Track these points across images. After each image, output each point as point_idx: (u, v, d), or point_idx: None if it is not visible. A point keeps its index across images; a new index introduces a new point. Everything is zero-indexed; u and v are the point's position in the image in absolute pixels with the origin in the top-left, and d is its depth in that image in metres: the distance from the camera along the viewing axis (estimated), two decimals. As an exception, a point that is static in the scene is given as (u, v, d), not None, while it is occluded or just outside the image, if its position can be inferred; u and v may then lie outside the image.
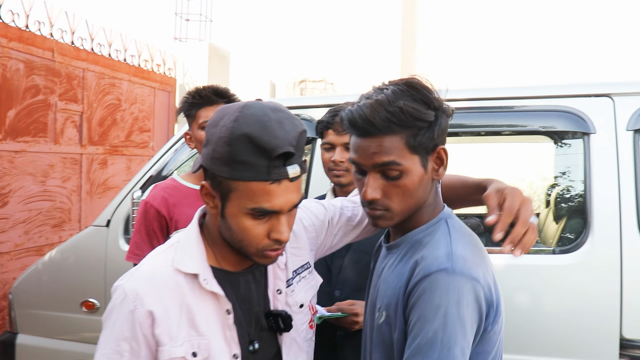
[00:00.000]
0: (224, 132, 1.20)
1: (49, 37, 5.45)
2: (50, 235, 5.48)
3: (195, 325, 1.28)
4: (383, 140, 1.25)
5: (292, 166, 1.23)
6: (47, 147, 5.42)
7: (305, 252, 1.53)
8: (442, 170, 1.34)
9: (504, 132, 2.57)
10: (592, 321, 2.25)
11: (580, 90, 2.46)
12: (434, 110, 1.27)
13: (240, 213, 1.24)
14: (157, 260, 1.34)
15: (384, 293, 1.34)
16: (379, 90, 1.29)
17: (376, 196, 1.29)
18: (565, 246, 2.37)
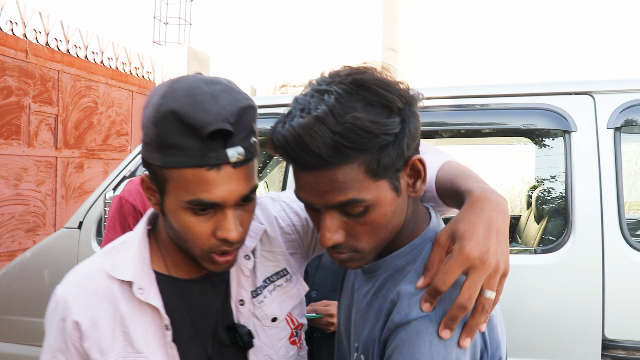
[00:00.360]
0: (151, 112, 1.02)
1: (22, 37, 5.34)
2: (23, 240, 5.35)
3: (131, 340, 1.12)
4: (335, 173, 0.93)
5: (234, 148, 1.00)
6: (20, 149, 5.30)
7: (280, 257, 1.29)
8: (421, 184, 1.03)
9: (484, 130, 2.53)
10: (573, 321, 2.22)
11: (561, 88, 2.43)
12: (398, 115, 0.95)
13: (178, 208, 1.04)
14: (92, 264, 1.18)
15: (360, 331, 1.10)
16: (316, 95, 0.95)
17: (338, 240, 1.00)
18: (547, 246, 2.34)
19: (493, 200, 0.98)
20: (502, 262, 0.92)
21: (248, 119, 1.04)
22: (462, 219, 0.97)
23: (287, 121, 0.95)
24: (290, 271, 1.30)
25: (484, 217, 0.95)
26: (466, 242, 0.92)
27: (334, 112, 0.91)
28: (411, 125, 0.97)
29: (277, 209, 1.34)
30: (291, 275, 1.30)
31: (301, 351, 1.34)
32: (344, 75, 0.96)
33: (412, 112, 0.98)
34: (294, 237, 1.32)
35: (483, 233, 0.93)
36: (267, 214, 1.31)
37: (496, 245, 0.92)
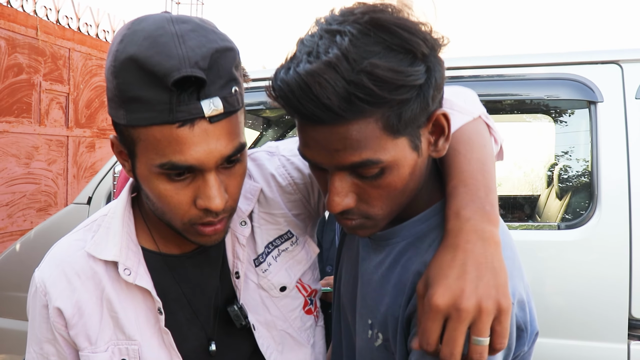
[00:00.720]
0: (110, 61, 0.85)
1: (32, 14, 5.28)
2: (35, 219, 5.34)
3: (121, 326, 1.00)
4: (348, 129, 0.80)
5: (210, 100, 0.84)
6: (32, 128, 5.26)
7: (282, 219, 1.13)
8: (444, 143, 0.89)
9: (504, 102, 2.44)
10: (599, 300, 2.13)
11: (587, 57, 2.32)
12: (423, 62, 0.81)
13: (151, 174, 0.88)
14: (72, 241, 1.04)
15: (375, 306, 0.98)
16: (326, 36, 0.80)
17: (348, 205, 0.87)
18: (571, 222, 2.25)
19: (467, 231, 0.82)
20: (489, 299, 0.76)
21: (226, 63, 0.87)
22: (434, 262, 0.83)
23: (292, 66, 0.80)
24: (296, 233, 1.14)
25: (456, 255, 0.80)
26: (434, 290, 0.78)
27: (348, 57, 0.77)
28: (437, 74, 0.83)
29: (276, 164, 1.16)
30: (297, 238, 1.15)
31: (319, 321, 1.21)
32: (359, 14, 0.81)
33: (437, 59, 0.84)
34: (297, 197, 1.14)
35: (456, 274, 0.78)
36: (263, 170, 1.15)
37: (476, 282, 0.77)
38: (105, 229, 1.03)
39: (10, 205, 5.06)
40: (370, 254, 1.03)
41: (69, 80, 5.75)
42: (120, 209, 1.03)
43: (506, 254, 0.85)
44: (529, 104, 2.55)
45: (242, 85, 0.92)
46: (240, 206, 1.08)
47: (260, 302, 1.11)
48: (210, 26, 0.89)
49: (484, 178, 0.89)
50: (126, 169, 0.95)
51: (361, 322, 1.02)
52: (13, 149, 5.04)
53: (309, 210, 1.17)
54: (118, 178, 2.26)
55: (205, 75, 0.82)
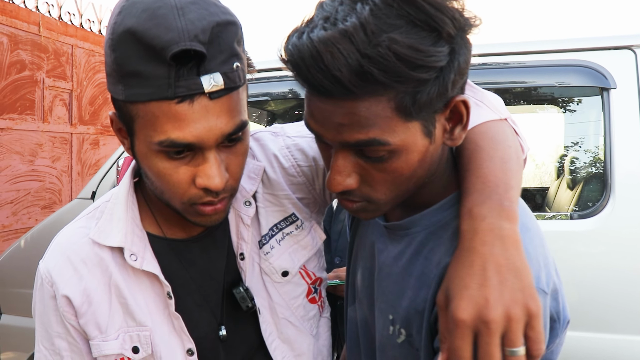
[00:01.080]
0: (108, 34, 0.83)
1: (34, 10, 5.25)
2: (39, 216, 5.31)
3: (131, 312, 0.98)
4: (356, 105, 0.75)
5: (211, 75, 0.80)
6: (35, 125, 5.24)
7: (286, 201, 1.09)
8: (460, 131, 0.83)
9: (516, 90, 2.39)
10: (612, 291, 2.09)
11: (599, 43, 2.28)
12: (447, 42, 0.75)
13: (149, 151, 0.85)
14: (75, 229, 1.02)
15: (396, 301, 0.93)
16: (347, 3, 0.75)
17: (350, 185, 0.83)
18: (584, 211, 2.20)
19: (483, 230, 0.77)
20: (516, 305, 0.71)
21: (227, 38, 0.83)
22: (451, 269, 0.77)
23: (306, 31, 0.74)
24: (301, 217, 1.11)
25: (474, 260, 0.75)
26: (456, 304, 0.72)
27: (367, 28, 0.71)
28: (461, 57, 0.77)
29: (279, 145, 1.12)
30: (302, 222, 1.11)
31: (324, 312, 1.17)
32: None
33: (465, 41, 0.78)
34: (300, 180, 1.11)
35: (476, 282, 0.73)
36: (266, 150, 1.12)
37: (500, 289, 0.71)
38: (109, 214, 1.00)
39: (15, 202, 5.04)
40: (388, 245, 0.98)
41: (72, 77, 5.73)
42: (124, 194, 1.01)
43: (535, 243, 0.80)
44: (540, 92, 2.51)
45: (245, 61, 0.89)
46: (245, 186, 1.06)
47: (263, 286, 1.08)
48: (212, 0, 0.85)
49: (505, 175, 0.83)
50: (125, 147, 0.93)
51: (381, 317, 0.97)
52: (17, 147, 5.02)
53: (313, 195, 1.13)
54: (121, 171, 2.22)
55: (206, 50, 0.79)
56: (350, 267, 1.15)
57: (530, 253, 0.79)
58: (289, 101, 3.17)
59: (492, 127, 0.90)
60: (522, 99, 2.71)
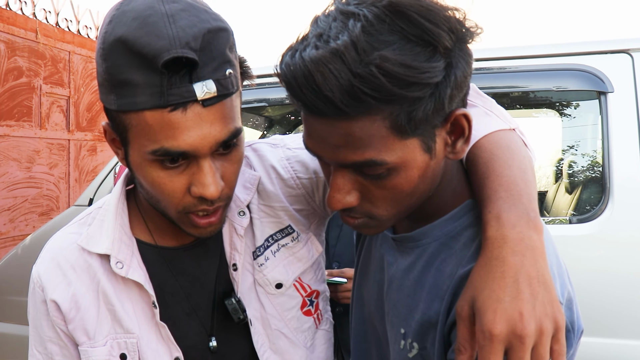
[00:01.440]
0: (99, 43, 0.82)
1: (31, 17, 5.25)
2: (37, 223, 5.30)
3: (119, 319, 0.98)
4: (350, 126, 0.73)
5: (203, 82, 0.80)
6: (32, 132, 5.23)
7: (282, 212, 1.08)
8: (463, 145, 0.81)
9: (513, 94, 2.39)
10: (612, 295, 2.08)
11: (596, 47, 2.28)
12: (444, 57, 0.73)
13: (144, 161, 0.85)
14: (66, 235, 1.03)
15: (408, 314, 0.91)
16: (340, 18, 0.73)
17: (350, 203, 0.81)
18: (583, 215, 2.20)
19: (513, 240, 0.75)
20: (547, 319, 0.70)
21: (219, 44, 0.83)
22: (479, 279, 0.75)
23: (299, 49, 0.73)
24: (297, 229, 1.09)
25: (505, 271, 0.72)
26: (488, 318, 0.70)
27: (358, 46, 0.69)
28: (458, 71, 0.75)
29: (279, 156, 1.11)
30: (299, 234, 1.10)
31: (322, 324, 1.15)
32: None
33: (464, 52, 0.76)
34: (299, 192, 1.09)
35: (509, 295, 0.71)
36: (263, 161, 1.11)
37: (532, 302, 0.70)
38: (100, 221, 1.00)
39: (12, 209, 5.02)
40: (397, 257, 0.96)
41: (69, 84, 5.72)
42: (114, 201, 1.01)
43: (549, 251, 0.79)
44: (537, 96, 2.51)
45: (237, 67, 0.88)
46: (239, 195, 1.05)
47: (256, 297, 1.06)
48: (203, 5, 0.85)
49: (526, 186, 0.81)
50: (119, 157, 0.92)
51: (393, 331, 0.95)
52: (14, 153, 5.00)
53: (313, 207, 1.12)
54: (118, 174, 2.21)
55: (198, 57, 0.78)
56: (356, 280, 1.13)
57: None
58: (286, 107, 3.17)
59: (504, 136, 0.89)
60: (519, 103, 2.71)
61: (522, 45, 2.43)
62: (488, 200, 0.81)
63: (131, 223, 1.02)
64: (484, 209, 0.81)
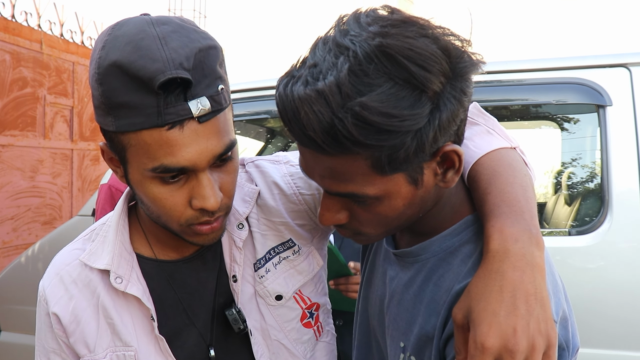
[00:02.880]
0: (93, 68, 0.85)
1: (36, 28, 5.30)
2: (40, 232, 5.31)
3: (118, 332, 1.01)
4: (332, 162, 0.76)
5: (198, 100, 0.83)
6: (36, 141, 5.26)
7: (282, 227, 1.11)
8: (453, 175, 0.82)
9: (511, 108, 2.42)
10: (612, 307, 2.10)
11: (595, 61, 2.31)
12: (431, 100, 0.72)
13: (144, 178, 0.89)
14: (70, 250, 1.06)
15: (407, 328, 0.93)
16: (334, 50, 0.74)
17: (339, 221, 0.86)
18: (582, 227, 2.22)
19: (515, 254, 0.76)
20: (540, 336, 0.71)
21: (210, 62, 0.86)
22: (476, 290, 0.76)
23: (293, 80, 0.76)
24: (299, 242, 1.12)
25: (503, 286, 0.73)
26: (482, 331, 0.71)
27: (342, 89, 0.70)
28: (444, 113, 0.74)
29: (281, 172, 1.14)
30: (300, 247, 1.12)
31: (322, 336, 1.17)
32: (372, 33, 0.73)
33: (457, 90, 0.75)
34: (302, 208, 1.12)
35: (505, 309, 0.72)
36: (265, 177, 1.14)
37: (527, 318, 0.72)
38: (102, 237, 1.04)
39: (16, 219, 5.05)
40: (398, 272, 0.98)
41: (73, 94, 5.76)
42: (115, 217, 1.04)
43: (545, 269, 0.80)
44: (536, 109, 2.53)
45: (228, 82, 0.92)
46: (238, 208, 1.08)
47: (256, 308, 1.09)
48: (191, 25, 0.88)
49: (528, 203, 0.83)
50: (118, 175, 0.96)
51: (393, 345, 0.97)
52: (18, 163, 5.03)
53: (315, 222, 1.14)
54: (98, 199, 2.11)
55: (191, 76, 0.81)
56: (362, 293, 1.15)
57: None
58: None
59: (506, 154, 0.91)
60: (519, 116, 2.73)
61: (522, 59, 2.46)
62: (491, 215, 0.82)
63: (132, 238, 1.06)
64: (486, 222, 0.82)
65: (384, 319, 1.02)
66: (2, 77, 4.83)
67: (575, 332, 0.85)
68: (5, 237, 4.92)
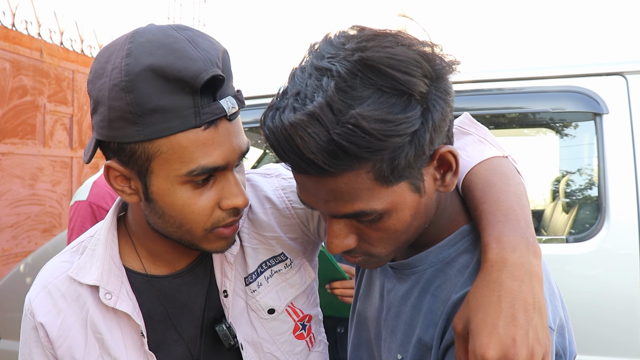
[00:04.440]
0: (116, 77, 0.81)
1: (36, 37, 5.32)
2: (40, 240, 5.31)
3: (107, 347, 0.99)
4: (336, 182, 0.76)
5: (227, 99, 0.85)
6: (36, 149, 5.26)
7: (274, 241, 1.10)
8: (452, 178, 0.83)
9: (507, 116, 2.43)
10: (610, 314, 2.10)
11: (592, 69, 2.32)
12: (420, 103, 0.74)
13: (174, 186, 0.87)
14: (58, 264, 1.04)
15: (406, 340, 0.92)
16: (315, 75, 0.75)
17: (348, 246, 0.84)
18: (579, 234, 2.23)
19: (513, 264, 0.76)
20: (537, 345, 0.72)
21: (229, 64, 0.89)
22: (474, 300, 0.76)
23: (279, 111, 0.75)
24: (290, 256, 1.11)
25: (502, 296, 0.74)
26: (482, 342, 0.72)
27: (333, 107, 0.71)
28: (436, 114, 0.75)
29: (273, 186, 1.13)
30: (292, 261, 1.12)
31: (315, 346, 1.17)
32: (350, 50, 0.74)
33: (441, 91, 0.77)
34: (294, 221, 1.11)
35: (504, 320, 0.72)
36: (257, 191, 1.13)
37: (526, 328, 0.72)
38: (91, 251, 1.02)
39: (15, 226, 5.05)
40: (395, 284, 0.98)
41: (72, 102, 5.78)
42: (104, 231, 1.02)
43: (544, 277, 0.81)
44: (533, 117, 2.55)
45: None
46: None
47: (248, 321, 1.08)
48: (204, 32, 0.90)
49: (523, 211, 0.84)
50: (125, 193, 0.92)
51: (390, 357, 0.97)
52: (18, 171, 5.04)
53: (307, 234, 1.14)
54: (73, 217, 1.98)
55: (222, 73, 0.84)
56: (357, 306, 1.15)
57: None
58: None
59: (499, 163, 0.92)
60: (516, 124, 2.74)
61: (520, 67, 2.47)
62: (487, 224, 0.83)
63: (122, 251, 1.04)
64: (483, 232, 0.83)
65: (380, 331, 1.02)
66: (2, 85, 4.85)
67: (572, 339, 0.86)
68: (5, 245, 4.92)
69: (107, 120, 0.84)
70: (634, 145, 2.16)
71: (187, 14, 9.89)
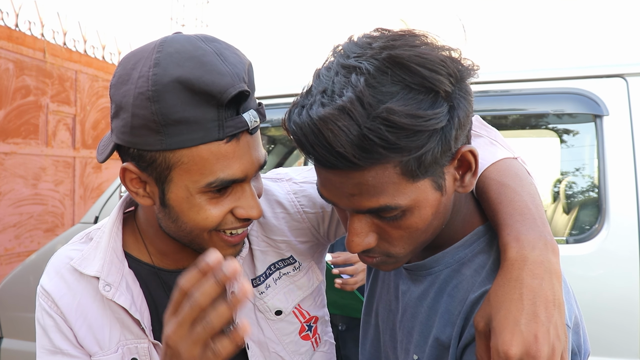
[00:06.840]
0: (143, 86, 0.82)
1: (39, 37, 5.34)
2: (42, 239, 5.33)
3: (128, 326, 1.01)
4: (363, 175, 0.76)
5: (249, 112, 0.86)
6: (39, 149, 5.29)
7: (283, 245, 1.11)
8: (471, 178, 0.84)
9: (508, 117, 2.44)
10: (610, 315, 2.11)
11: (592, 71, 2.33)
12: (446, 100, 0.76)
13: (191, 195, 0.88)
14: (68, 250, 1.05)
15: (423, 340, 0.93)
16: (342, 72, 0.76)
17: (369, 244, 0.84)
18: (579, 235, 2.23)
19: (533, 262, 0.78)
20: (557, 341, 0.73)
21: (252, 77, 0.90)
22: (496, 298, 0.77)
23: (306, 106, 0.76)
24: (299, 259, 1.12)
25: (523, 293, 0.75)
26: (504, 339, 0.73)
27: (363, 101, 0.72)
28: (461, 112, 0.77)
29: (285, 190, 1.14)
30: (300, 263, 1.12)
31: (320, 346, 1.18)
32: (378, 48, 0.76)
33: (464, 92, 0.78)
34: (305, 225, 1.12)
35: (526, 317, 0.74)
36: (268, 196, 1.13)
37: (547, 325, 0.73)
38: (96, 242, 1.03)
39: (18, 226, 5.07)
40: (410, 286, 0.99)
41: (75, 102, 5.80)
42: (109, 224, 1.03)
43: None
44: (534, 119, 2.55)
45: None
46: None
47: (255, 322, 1.09)
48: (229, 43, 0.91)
49: (538, 210, 0.85)
50: (139, 196, 0.93)
51: (407, 358, 0.98)
52: (20, 170, 5.06)
53: (317, 238, 1.15)
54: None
55: (248, 89, 0.85)
56: (367, 309, 1.15)
57: None
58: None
59: (511, 164, 0.93)
60: (518, 126, 2.75)
61: (520, 69, 2.48)
62: (504, 224, 0.84)
63: (130, 245, 1.05)
64: (501, 231, 0.84)
65: (395, 333, 1.03)
66: (6, 85, 4.87)
67: (586, 337, 0.87)
68: (7, 245, 4.94)
69: (129, 126, 0.85)
70: (634, 146, 2.17)
71: (189, 14, 9.92)
